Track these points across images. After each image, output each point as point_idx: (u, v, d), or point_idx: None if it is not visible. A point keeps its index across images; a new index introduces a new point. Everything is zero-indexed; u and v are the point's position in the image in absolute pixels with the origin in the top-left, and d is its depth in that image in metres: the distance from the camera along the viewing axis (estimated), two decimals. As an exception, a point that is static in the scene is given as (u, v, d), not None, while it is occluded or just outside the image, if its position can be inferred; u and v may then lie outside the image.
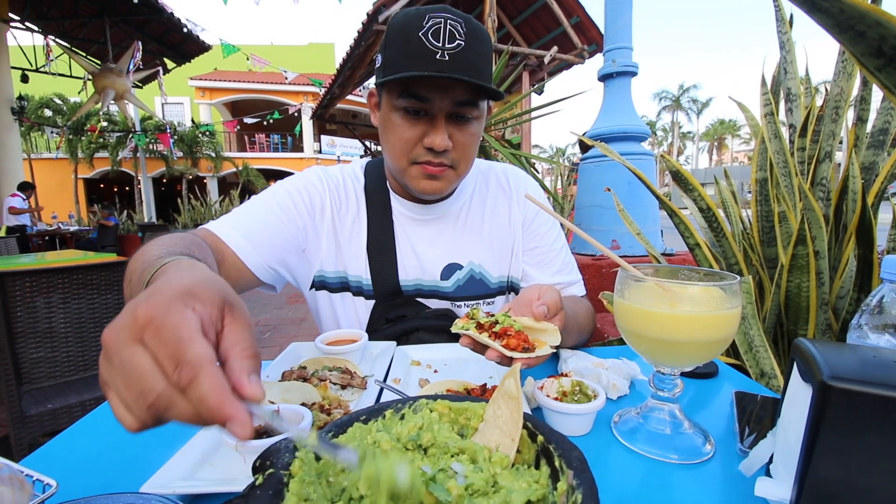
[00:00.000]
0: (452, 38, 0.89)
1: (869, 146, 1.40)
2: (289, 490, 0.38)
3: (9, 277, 1.70)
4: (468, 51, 0.90)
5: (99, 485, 0.58)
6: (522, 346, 0.66)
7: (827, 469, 0.43)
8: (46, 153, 22.16)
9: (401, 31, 0.91)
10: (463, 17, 0.91)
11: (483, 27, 0.95)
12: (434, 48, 0.88)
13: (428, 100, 0.93)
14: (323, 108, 12.11)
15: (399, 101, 0.95)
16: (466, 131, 0.99)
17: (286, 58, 23.70)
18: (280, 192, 1.10)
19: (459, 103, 0.94)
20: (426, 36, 0.88)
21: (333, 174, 1.17)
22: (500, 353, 0.66)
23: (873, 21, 0.53)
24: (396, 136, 0.98)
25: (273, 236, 1.03)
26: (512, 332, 0.68)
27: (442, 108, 0.94)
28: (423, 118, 0.96)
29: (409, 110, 0.95)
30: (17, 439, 1.77)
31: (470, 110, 0.97)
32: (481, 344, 0.68)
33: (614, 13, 3.12)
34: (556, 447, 0.42)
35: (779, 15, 1.55)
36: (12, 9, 8.89)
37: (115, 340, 0.36)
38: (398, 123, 0.97)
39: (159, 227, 9.39)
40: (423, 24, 0.88)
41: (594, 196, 3.23)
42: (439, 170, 1.00)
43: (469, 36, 0.90)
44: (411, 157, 1.00)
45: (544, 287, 0.78)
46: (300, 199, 1.09)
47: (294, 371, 0.83)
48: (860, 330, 0.59)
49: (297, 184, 1.12)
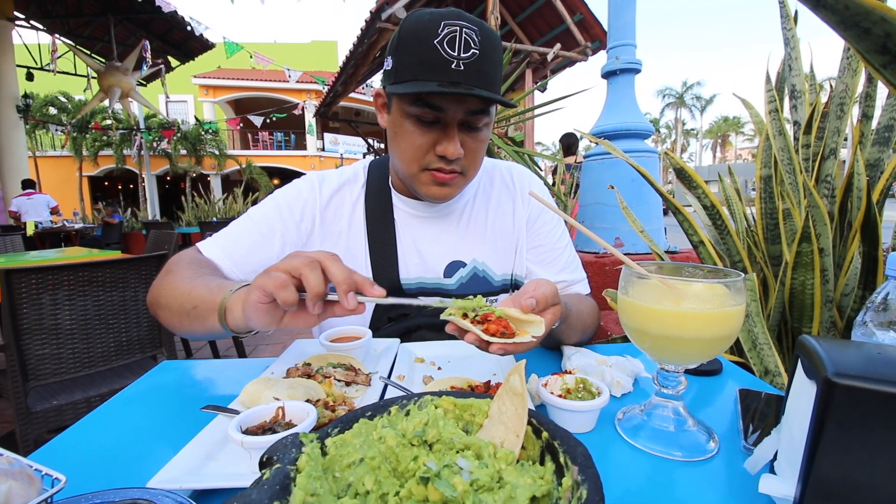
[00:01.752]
0: (468, 48, 0.88)
1: (874, 143, 1.39)
2: (296, 485, 0.38)
3: (15, 274, 1.71)
4: (482, 60, 0.89)
5: (106, 480, 0.59)
6: (500, 332, 0.67)
7: (831, 466, 0.43)
8: (51, 151, 22.26)
9: (414, 36, 0.90)
10: (477, 24, 0.90)
11: (496, 33, 0.95)
12: (450, 57, 0.87)
13: (442, 109, 0.92)
14: (326, 106, 12.10)
15: (412, 109, 0.94)
16: (478, 138, 1.00)
17: (289, 55, 23.73)
18: (269, 205, 1.11)
19: (472, 112, 0.94)
20: (441, 45, 0.87)
21: (328, 177, 1.18)
22: (477, 337, 0.66)
23: (878, 17, 0.52)
24: (408, 143, 0.98)
25: (257, 254, 1.05)
26: (493, 317, 0.69)
27: (455, 117, 0.94)
28: (436, 126, 0.96)
29: (422, 118, 0.95)
30: (23, 435, 1.79)
31: (481, 118, 0.97)
32: (465, 329, 0.69)
33: (618, 10, 3.10)
34: (561, 443, 0.42)
35: (783, 11, 1.54)
36: (17, 7, 8.92)
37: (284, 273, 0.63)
38: (410, 130, 0.97)
39: (163, 224, 9.40)
40: (439, 31, 0.87)
41: (597, 194, 3.22)
42: (450, 177, 1.01)
43: (483, 44, 0.90)
44: (423, 163, 1.00)
45: (541, 281, 0.78)
46: (287, 210, 1.10)
47: (299, 368, 0.84)
48: (865, 327, 0.59)
49: (287, 194, 1.13)
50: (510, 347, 0.66)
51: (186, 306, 0.82)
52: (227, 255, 1.02)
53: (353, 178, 1.19)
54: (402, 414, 0.50)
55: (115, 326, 2.04)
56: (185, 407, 0.80)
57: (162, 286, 0.91)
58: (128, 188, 25.89)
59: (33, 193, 8.80)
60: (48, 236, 8.65)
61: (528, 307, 0.71)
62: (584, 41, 7.80)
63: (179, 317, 0.85)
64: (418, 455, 0.43)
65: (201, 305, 0.79)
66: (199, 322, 0.80)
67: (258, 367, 0.96)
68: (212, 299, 0.77)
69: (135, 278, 2.09)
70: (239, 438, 0.56)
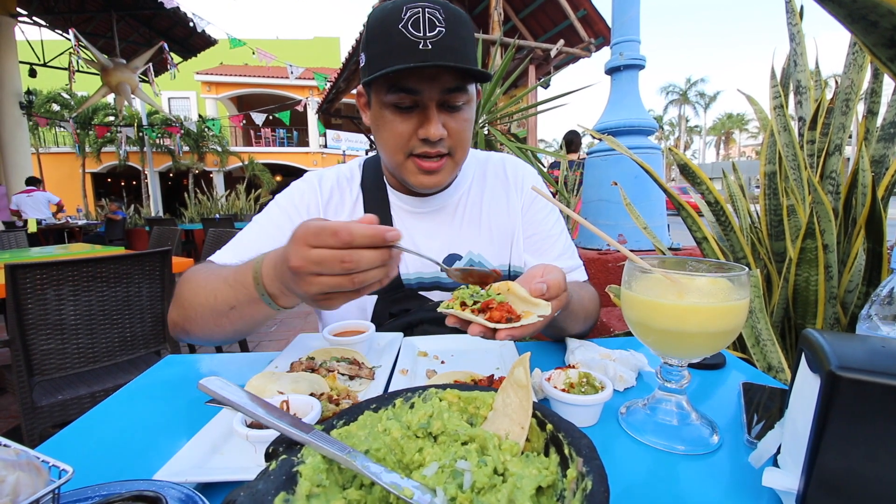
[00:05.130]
0: (433, 26, 0.88)
1: (879, 139, 1.39)
2: (302, 476, 0.38)
3: (20, 270, 1.72)
4: (450, 37, 0.90)
5: (113, 472, 0.59)
6: (506, 318, 0.66)
7: (835, 459, 0.43)
8: (54, 147, 22.31)
9: (380, 25, 0.91)
10: (440, 4, 0.91)
11: (461, 11, 0.95)
12: (416, 39, 0.88)
13: (417, 91, 0.93)
14: (328, 103, 12.09)
15: (388, 97, 0.95)
16: (459, 117, 0.99)
17: (292, 52, 23.72)
18: (273, 209, 1.13)
19: (448, 90, 0.94)
20: (406, 27, 0.88)
21: (327, 176, 1.19)
22: (483, 327, 0.65)
23: (886, 10, 0.52)
24: (390, 132, 0.98)
25: None
26: (494, 304, 0.68)
27: (432, 97, 0.94)
28: (415, 111, 0.96)
29: (400, 105, 0.95)
30: (28, 430, 1.80)
31: (459, 96, 0.97)
32: (467, 321, 0.67)
33: (622, 6, 3.09)
34: (566, 435, 0.42)
35: (789, 6, 1.53)
36: (20, 3, 8.93)
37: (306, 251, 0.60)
38: (390, 119, 0.97)
39: (166, 220, 9.43)
40: (402, 16, 0.88)
41: (601, 190, 3.21)
42: (437, 164, 1.01)
43: (449, 21, 0.90)
44: (407, 150, 1.00)
45: (550, 266, 0.78)
46: (293, 211, 1.12)
47: (303, 362, 0.84)
48: (870, 320, 0.59)
49: (290, 196, 1.15)
50: (517, 332, 0.66)
51: (221, 308, 0.82)
52: (240, 262, 1.02)
53: (350, 176, 1.21)
54: (406, 406, 0.51)
55: (119, 322, 2.04)
56: (189, 401, 0.80)
57: (184, 302, 0.90)
58: (131, 185, 25.94)
59: (34, 191, 8.84)
60: (52, 232, 8.69)
61: (537, 291, 0.71)
62: (587, 37, 7.77)
63: (216, 318, 0.84)
64: (423, 447, 0.43)
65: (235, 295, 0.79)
66: (238, 315, 0.81)
67: (262, 362, 0.96)
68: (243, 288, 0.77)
69: (138, 274, 2.10)
70: (244, 432, 0.56)
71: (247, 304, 0.78)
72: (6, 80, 9.43)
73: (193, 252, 9.18)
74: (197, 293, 0.88)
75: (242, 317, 0.81)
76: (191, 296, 0.89)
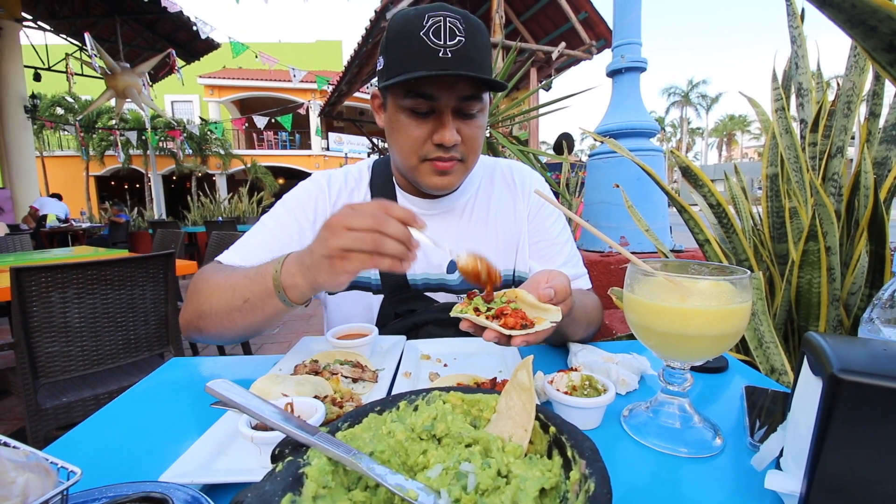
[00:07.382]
0: (453, 35, 0.91)
1: (881, 141, 1.39)
2: (308, 477, 0.39)
3: (25, 273, 1.73)
4: (469, 46, 0.92)
5: (119, 474, 0.59)
6: (521, 324, 0.66)
7: (837, 461, 0.43)
8: (58, 150, 22.40)
9: (401, 32, 0.93)
10: (461, 14, 0.93)
11: (480, 21, 0.97)
12: (436, 47, 0.90)
13: (434, 98, 0.95)
14: (331, 106, 12.12)
15: (405, 102, 0.96)
16: (473, 124, 1.01)
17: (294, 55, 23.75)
18: (280, 210, 1.14)
19: (464, 98, 0.96)
20: (427, 35, 0.90)
21: (335, 176, 1.21)
22: (498, 333, 0.66)
23: (885, 16, 0.52)
24: (405, 136, 1.00)
25: None
26: (508, 310, 0.68)
27: (448, 104, 0.96)
28: (431, 116, 0.98)
29: (416, 109, 0.97)
30: (33, 432, 1.81)
31: (474, 104, 0.98)
32: (481, 326, 0.68)
33: (623, 8, 3.10)
34: (569, 438, 0.43)
35: (790, 9, 1.54)
36: (25, 8, 8.99)
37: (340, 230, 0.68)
38: (406, 123, 0.99)
39: (169, 223, 9.45)
40: (424, 23, 0.90)
41: (602, 193, 3.22)
42: (449, 165, 1.02)
43: (468, 31, 0.92)
44: (421, 154, 1.02)
45: (554, 272, 0.79)
46: (300, 211, 1.13)
47: (306, 365, 0.84)
48: (871, 324, 0.59)
49: (297, 196, 1.16)
50: (531, 338, 0.67)
51: (236, 302, 0.85)
52: (247, 263, 1.03)
53: (358, 177, 1.22)
54: (410, 409, 0.51)
55: (123, 324, 2.05)
56: (194, 403, 0.81)
57: (199, 298, 0.93)
58: (134, 188, 26.03)
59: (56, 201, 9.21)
60: (56, 236, 8.74)
61: (545, 297, 0.72)
62: (588, 40, 7.79)
63: (230, 314, 0.87)
64: (427, 449, 0.43)
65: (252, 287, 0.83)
66: (250, 308, 0.84)
67: (266, 364, 0.97)
68: (262, 280, 0.81)
69: (142, 277, 2.11)
70: (249, 434, 0.56)
71: (260, 296, 0.81)
72: (11, 84, 9.49)
73: (196, 255, 9.20)
74: (213, 287, 0.91)
75: (254, 310, 0.84)
76: (206, 288, 0.92)
